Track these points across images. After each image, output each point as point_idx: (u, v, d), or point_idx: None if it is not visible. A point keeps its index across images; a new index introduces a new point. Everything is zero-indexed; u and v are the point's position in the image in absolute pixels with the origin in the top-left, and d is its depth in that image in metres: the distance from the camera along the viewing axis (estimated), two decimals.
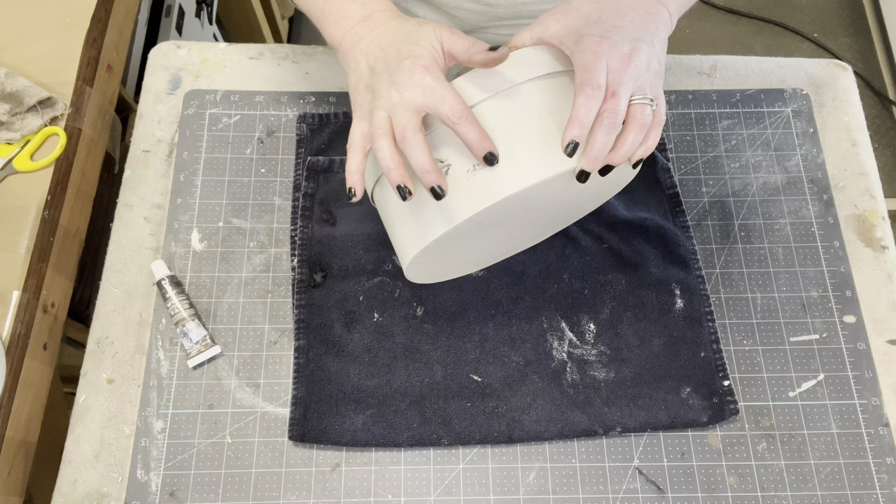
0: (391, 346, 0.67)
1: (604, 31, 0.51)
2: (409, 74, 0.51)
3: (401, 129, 0.51)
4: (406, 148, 0.51)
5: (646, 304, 0.69)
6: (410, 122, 0.51)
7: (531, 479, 0.64)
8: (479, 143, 0.50)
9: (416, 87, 0.51)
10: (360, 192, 0.54)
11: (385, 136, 0.51)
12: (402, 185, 0.51)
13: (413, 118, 0.51)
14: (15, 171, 0.71)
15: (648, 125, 0.52)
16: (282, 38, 1.72)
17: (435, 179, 0.51)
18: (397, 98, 0.51)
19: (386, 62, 0.53)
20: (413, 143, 0.50)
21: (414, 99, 0.51)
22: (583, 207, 0.65)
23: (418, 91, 0.51)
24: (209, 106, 0.77)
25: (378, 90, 0.52)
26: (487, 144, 0.50)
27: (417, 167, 0.51)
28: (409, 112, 0.51)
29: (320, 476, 0.63)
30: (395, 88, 0.51)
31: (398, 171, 0.51)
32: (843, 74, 0.81)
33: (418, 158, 0.50)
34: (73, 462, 0.63)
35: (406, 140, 0.50)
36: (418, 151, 0.50)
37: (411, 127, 0.50)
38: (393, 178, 0.51)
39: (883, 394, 0.67)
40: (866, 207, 0.74)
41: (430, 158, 0.51)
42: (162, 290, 0.68)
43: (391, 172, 0.51)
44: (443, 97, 0.50)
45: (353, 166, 0.54)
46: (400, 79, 0.51)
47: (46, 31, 0.77)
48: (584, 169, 0.51)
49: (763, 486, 0.63)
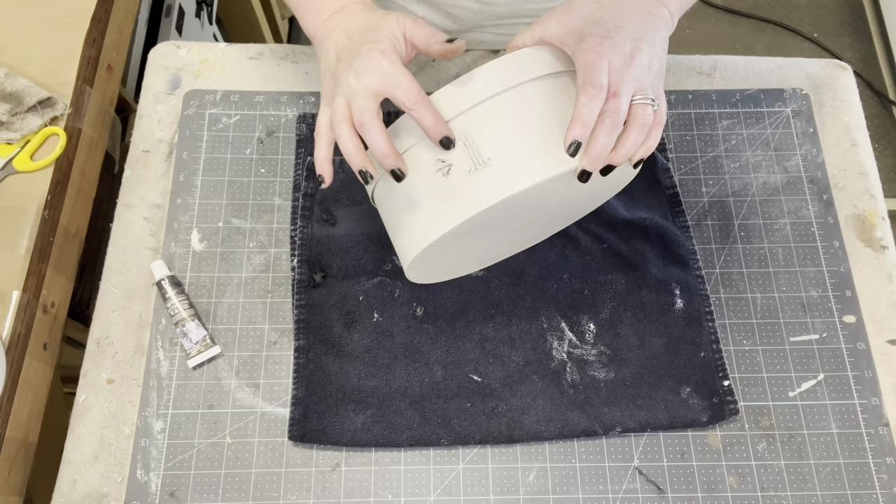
0: (391, 346, 0.67)
1: (605, 31, 0.51)
2: (366, 59, 0.52)
3: (358, 115, 0.52)
4: (364, 133, 0.52)
5: (646, 304, 0.69)
6: (367, 107, 0.52)
7: (531, 479, 0.64)
8: (435, 127, 0.51)
9: (373, 73, 0.52)
10: (329, 178, 0.55)
11: (344, 123, 0.53)
12: (363, 170, 0.53)
13: (370, 103, 0.52)
14: (15, 171, 0.71)
15: (650, 125, 0.52)
16: (282, 38, 1.72)
17: (394, 163, 0.52)
18: (355, 84, 0.52)
19: (349, 49, 0.55)
20: (370, 129, 0.52)
21: (370, 84, 0.52)
22: (583, 207, 0.65)
23: (374, 76, 0.52)
24: (209, 106, 0.77)
25: (338, 76, 0.54)
26: (443, 129, 0.52)
27: (376, 152, 0.52)
28: (367, 97, 0.52)
29: (320, 476, 0.63)
30: (352, 74, 0.53)
31: (358, 156, 0.53)
32: (843, 74, 0.81)
33: (375, 143, 0.52)
34: (72, 462, 0.63)
35: (363, 126, 0.52)
36: (375, 136, 0.52)
37: (368, 112, 0.52)
38: (354, 164, 0.53)
39: (883, 394, 0.67)
40: (866, 207, 0.74)
41: (387, 142, 0.52)
42: (162, 291, 0.68)
43: (352, 158, 0.53)
44: (398, 82, 0.51)
45: (321, 154, 0.55)
46: (357, 64, 0.53)
47: (46, 31, 0.77)
48: (586, 169, 0.51)
49: (763, 486, 0.63)
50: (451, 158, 0.52)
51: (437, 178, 0.53)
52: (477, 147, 0.52)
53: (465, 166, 0.52)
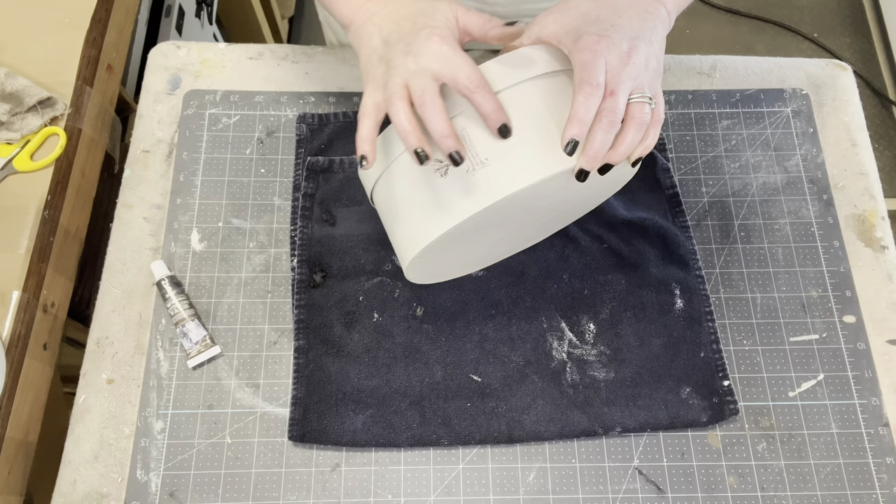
0: (391, 346, 0.67)
1: (602, 30, 0.51)
2: (426, 43, 0.51)
3: (419, 94, 0.51)
4: (425, 112, 0.50)
5: (645, 304, 0.69)
6: (429, 87, 0.51)
7: (531, 479, 0.64)
8: (495, 113, 0.50)
9: (433, 56, 0.51)
10: (372, 159, 0.54)
11: (402, 100, 0.51)
12: (419, 150, 0.51)
13: (431, 84, 0.51)
14: (15, 171, 0.71)
15: (647, 124, 0.52)
16: (282, 38, 1.72)
17: (454, 145, 0.51)
18: (413, 65, 0.51)
19: (401, 34, 0.53)
20: (432, 107, 0.50)
21: (431, 66, 0.51)
22: (582, 206, 0.65)
23: (435, 59, 0.51)
24: (209, 106, 0.77)
25: (393, 60, 0.52)
26: (503, 116, 0.51)
27: (436, 132, 0.51)
28: (427, 78, 0.51)
29: (320, 476, 0.63)
30: (411, 57, 0.51)
31: (415, 133, 0.51)
32: (843, 74, 0.81)
33: (437, 122, 0.50)
34: (72, 462, 0.63)
35: (425, 104, 0.50)
36: (437, 115, 0.50)
37: (430, 92, 0.50)
38: (410, 142, 0.51)
39: (883, 394, 0.67)
40: (866, 207, 0.74)
41: (449, 123, 0.51)
42: (162, 291, 0.68)
43: (409, 136, 0.51)
44: (459, 65, 0.50)
45: (365, 133, 0.53)
46: (416, 48, 0.51)
47: (46, 31, 0.77)
48: (584, 168, 0.51)
49: (763, 486, 0.63)
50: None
51: (436, 178, 0.53)
52: (475, 147, 0.52)
53: (462, 166, 0.52)
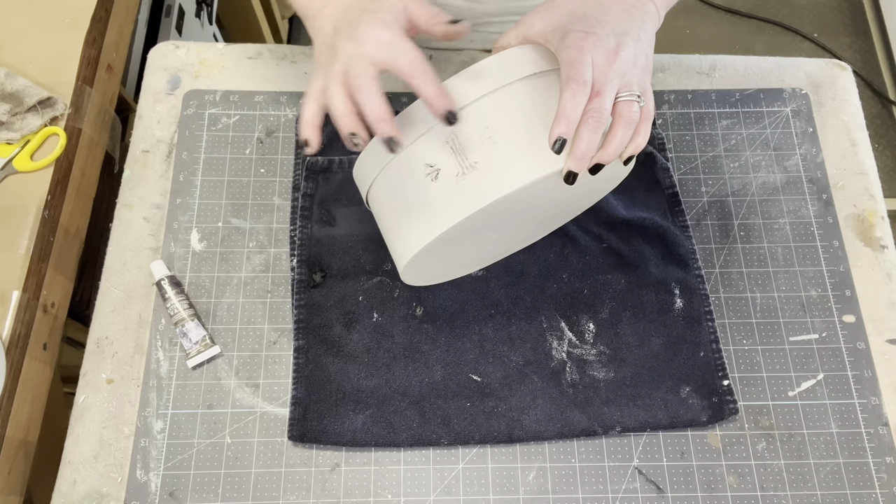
0: (390, 345, 0.67)
1: (588, 27, 0.51)
2: (366, 28, 0.50)
3: (354, 77, 0.50)
4: (359, 96, 0.50)
5: (645, 304, 0.69)
6: (365, 70, 0.50)
7: (531, 478, 0.64)
8: (438, 98, 0.49)
9: (373, 41, 0.50)
10: (315, 144, 0.53)
11: (337, 83, 0.51)
12: (353, 133, 0.51)
13: (368, 68, 0.50)
14: (15, 171, 0.71)
15: (636, 122, 0.51)
16: (282, 39, 1.72)
17: (390, 130, 0.50)
18: (353, 51, 0.50)
19: (348, 21, 0.53)
20: (367, 90, 0.49)
21: (370, 52, 0.50)
22: (578, 204, 0.65)
23: (374, 44, 0.50)
24: (208, 106, 0.77)
25: (336, 46, 0.52)
26: (447, 102, 0.50)
27: (371, 115, 0.50)
28: (365, 63, 0.50)
29: (320, 476, 0.63)
30: (352, 42, 0.51)
31: (349, 117, 0.50)
32: (843, 74, 0.81)
33: (371, 105, 0.49)
34: (72, 462, 0.63)
35: (360, 88, 0.50)
36: (371, 98, 0.49)
37: (365, 75, 0.50)
38: (344, 126, 0.51)
39: (882, 393, 0.67)
40: (866, 207, 0.74)
41: (385, 107, 0.50)
42: (161, 291, 0.68)
43: (342, 119, 0.51)
44: (402, 52, 0.50)
45: (308, 116, 0.53)
46: (357, 34, 0.51)
47: (46, 31, 0.77)
48: (572, 169, 0.50)
49: (763, 485, 0.63)
50: (439, 163, 0.52)
51: (426, 182, 0.53)
52: (464, 151, 0.52)
53: (452, 171, 0.52)
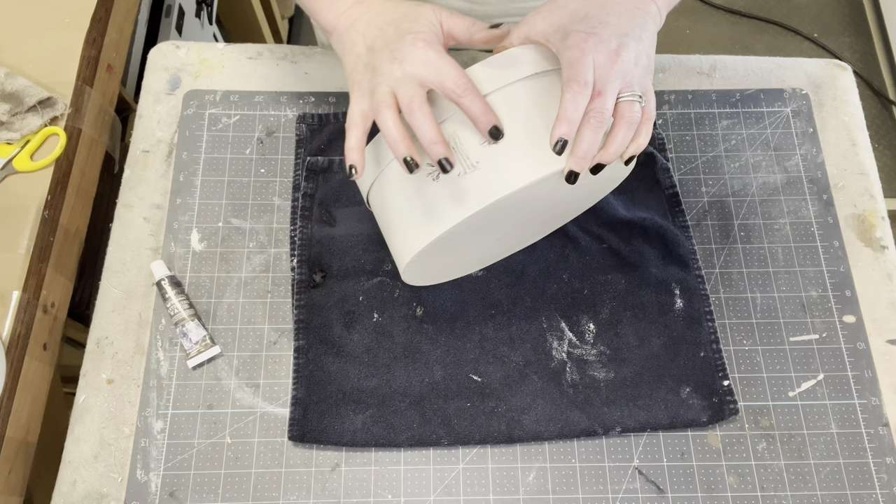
0: (391, 346, 0.67)
1: (590, 28, 0.51)
2: (412, 49, 0.51)
3: (407, 101, 0.50)
4: (413, 120, 0.50)
5: (645, 304, 0.69)
6: (416, 94, 0.50)
7: (531, 479, 0.64)
8: (484, 115, 0.50)
9: (419, 61, 0.50)
10: (361, 168, 0.53)
11: (389, 109, 0.51)
12: (408, 158, 0.50)
13: (418, 90, 0.50)
14: (15, 171, 0.71)
15: (637, 122, 0.51)
16: (282, 39, 1.72)
17: (443, 151, 0.50)
18: (399, 72, 0.51)
19: (385, 40, 0.53)
20: (421, 115, 0.50)
21: (417, 72, 0.50)
22: (579, 205, 0.65)
23: (421, 65, 0.50)
24: (209, 106, 0.77)
25: (378, 67, 0.52)
26: (492, 118, 0.50)
27: (425, 139, 0.50)
28: (413, 85, 0.50)
29: (320, 476, 0.63)
30: (396, 63, 0.51)
31: (404, 143, 0.50)
32: (843, 74, 0.81)
33: (426, 129, 0.50)
34: (72, 462, 0.63)
35: (413, 112, 0.50)
36: (426, 123, 0.50)
37: (418, 99, 0.50)
38: (399, 151, 0.51)
39: (882, 393, 0.67)
40: (866, 207, 0.74)
41: (438, 130, 0.50)
42: (161, 291, 0.68)
43: (397, 145, 0.50)
44: (446, 71, 0.50)
45: (353, 143, 0.53)
46: (401, 54, 0.51)
47: (46, 31, 0.77)
48: (573, 169, 0.51)
49: (763, 485, 0.63)
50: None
51: (427, 182, 0.53)
52: (465, 150, 0.52)
53: (454, 170, 0.52)
